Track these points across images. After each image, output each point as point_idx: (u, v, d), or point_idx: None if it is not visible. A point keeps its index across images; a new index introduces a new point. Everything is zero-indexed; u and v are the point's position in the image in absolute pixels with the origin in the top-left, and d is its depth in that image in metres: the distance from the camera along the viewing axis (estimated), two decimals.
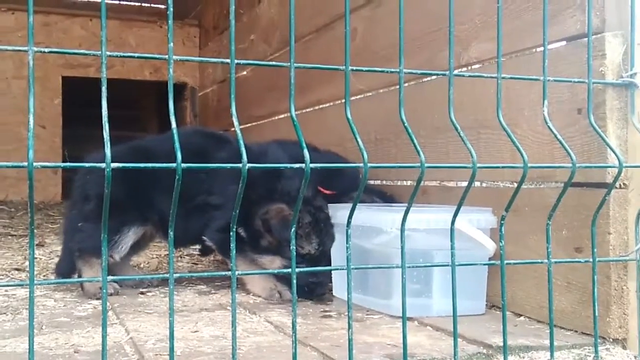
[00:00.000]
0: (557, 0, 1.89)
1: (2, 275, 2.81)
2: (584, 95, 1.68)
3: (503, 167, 1.68)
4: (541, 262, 1.60)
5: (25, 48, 1.22)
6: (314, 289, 2.28)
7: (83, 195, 2.50)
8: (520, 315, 2.03)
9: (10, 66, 6.19)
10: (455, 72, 1.51)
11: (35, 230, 1.27)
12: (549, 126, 1.55)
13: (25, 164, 1.20)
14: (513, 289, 1.98)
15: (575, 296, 1.85)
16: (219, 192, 2.35)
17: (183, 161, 1.47)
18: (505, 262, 1.56)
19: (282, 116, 4.21)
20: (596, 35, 1.76)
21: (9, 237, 4.04)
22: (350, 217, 1.41)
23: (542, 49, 1.58)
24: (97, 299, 2.26)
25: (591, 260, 1.61)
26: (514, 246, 1.76)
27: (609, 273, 1.76)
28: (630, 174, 1.75)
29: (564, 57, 1.88)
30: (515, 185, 1.62)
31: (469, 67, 2.31)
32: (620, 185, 1.73)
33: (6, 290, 2.43)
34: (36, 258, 3.21)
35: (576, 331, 1.83)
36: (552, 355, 1.58)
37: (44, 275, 2.86)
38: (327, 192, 2.56)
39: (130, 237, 2.42)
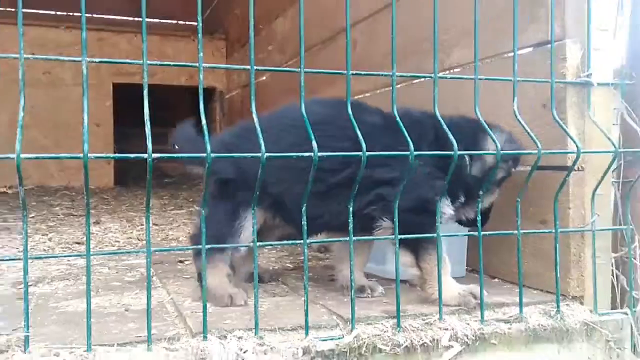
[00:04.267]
0: (526, 13, 1.87)
1: (65, 248, 2.83)
2: (547, 93, 1.66)
3: (480, 153, 1.67)
4: (512, 233, 1.59)
5: (80, 59, 1.22)
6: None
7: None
8: (495, 278, 2.03)
9: (70, 75, 6.21)
10: (440, 74, 1.50)
11: (91, 211, 1.27)
12: (518, 119, 1.55)
13: (81, 155, 1.20)
14: (489, 255, 1.97)
15: (541, 261, 1.84)
16: (391, 164, 1.61)
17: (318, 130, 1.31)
18: (482, 233, 1.55)
19: None
20: (558, 42, 1.74)
21: (71, 216, 4.07)
22: None
23: (512, 54, 1.57)
24: (224, 305, 1.64)
25: (554, 231, 1.61)
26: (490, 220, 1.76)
27: (569, 242, 1.75)
28: (587, 158, 1.74)
29: (531, 61, 1.86)
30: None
31: (451, 70, 2.29)
32: (578, 168, 1.72)
33: (68, 260, 2.44)
34: (92, 233, 3.23)
35: (541, 290, 1.83)
36: (521, 310, 1.57)
37: (99, 248, 2.88)
38: None
39: (249, 221, 1.65)
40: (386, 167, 1.60)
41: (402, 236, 1.48)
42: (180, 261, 2.43)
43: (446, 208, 1.67)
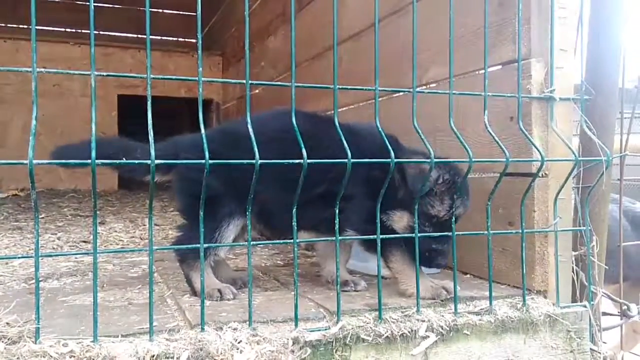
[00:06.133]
0: (495, 34, 1.89)
1: (73, 246, 2.80)
2: (514, 106, 1.68)
3: (453, 161, 1.67)
4: (483, 234, 1.60)
5: (89, 73, 1.21)
6: (435, 258, 1.66)
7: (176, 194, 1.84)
8: (467, 274, 2.04)
9: (78, 87, 6.16)
10: (418, 89, 1.51)
11: (97, 212, 1.26)
12: (488, 130, 1.56)
13: (89, 161, 1.19)
14: (461, 253, 1.97)
15: (508, 259, 1.86)
16: (353, 181, 1.48)
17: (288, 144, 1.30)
18: (456, 233, 1.56)
19: None
20: (524, 60, 1.76)
21: (78, 217, 4.03)
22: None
23: (483, 71, 1.58)
24: (215, 299, 1.64)
25: (520, 231, 1.62)
26: (462, 221, 1.77)
27: (534, 241, 1.76)
28: (550, 166, 1.76)
29: (500, 78, 1.87)
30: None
31: (428, 86, 2.30)
32: (542, 174, 1.73)
33: (76, 258, 2.41)
34: (98, 233, 3.20)
35: (509, 285, 1.84)
36: (490, 303, 1.58)
37: (104, 246, 2.85)
38: None
39: (230, 230, 1.68)
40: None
41: (384, 236, 1.49)
42: None
43: (384, 218, 1.63)
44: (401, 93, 2.36)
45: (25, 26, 6.31)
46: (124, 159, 1.57)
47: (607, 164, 1.72)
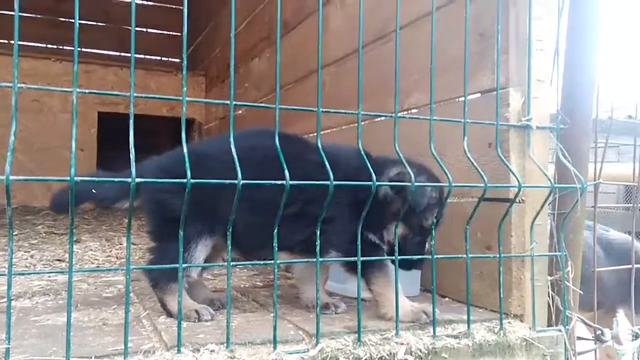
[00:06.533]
0: (475, 63, 1.93)
1: (47, 265, 2.74)
2: (493, 133, 1.71)
3: (434, 185, 1.69)
4: (461, 257, 1.62)
5: (71, 89, 1.21)
6: (417, 262, 1.71)
7: (146, 217, 1.86)
8: (445, 297, 2.05)
9: (57, 103, 6.09)
10: (399, 114, 1.54)
11: (73, 230, 1.24)
12: (467, 156, 1.58)
13: (69, 178, 1.18)
14: (440, 277, 1.98)
15: (486, 282, 1.87)
16: (334, 203, 1.45)
17: (263, 163, 1.32)
18: (435, 256, 1.57)
19: None
20: (503, 89, 1.80)
21: (52, 234, 3.95)
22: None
23: (463, 98, 1.62)
24: (193, 321, 1.62)
25: (498, 256, 1.64)
26: (441, 245, 1.78)
27: (511, 265, 1.78)
28: (527, 192, 1.79)
29: (479, 105, 1.91)
30: (444, 199, 1.65)
31: (409, 111, 2.34)
32: (519, 200, 1.76)
33: (49, 277, 2.36)
34: (74, 251, 3.13)
35: (486, 309, 1.85)
36: (469, 327, 1.59)
37: (79, 265, 2.79)
38: None
39: (200, 251, 1.66)
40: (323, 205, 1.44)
41: (364, 258, 1.49)
42: None
43: (371, 236, 1.67)
44: (383, 117, 2.39)
45: (6, 41, 6.24)
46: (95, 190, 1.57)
47: (582, 191, 1.76)
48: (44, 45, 7.07)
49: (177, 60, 7.35)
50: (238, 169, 1.28)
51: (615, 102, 2.21)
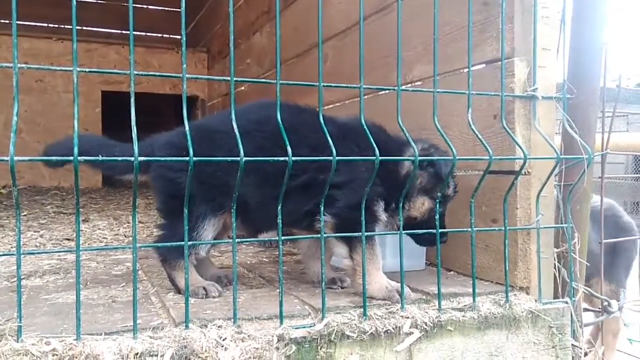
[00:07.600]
0: (479, 33, 1.90)
1: (56, 244, 2.77)
2: (498, 105, 1.69)
3: (438, 159, 1.68)
4: (466, 231, 1.61)
5: (71, 69, 1.20)
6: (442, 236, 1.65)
7: (154, 193, 1.85)
8: (451, 271, 2.06)
9: (61, 83, 6.08)
10: (402, 87, 1.52)
11: (80, 209, 1.25)
12: (472, 128, 1.57)
13: (72, 158, 1.18)
14: (445, 250, 2.00)
15: (492, 256, 1.88)
16: (343, 170, 1.55)
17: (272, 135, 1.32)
18: (440, 230, 1.57)
19: None
20: (508, 59, 1.77)
21: (61, 214, 3.98)
22: None
23: (467, 70, 1.59)
24: (200, 297, 1.63)
25: (503, 229, 1.63)
26: (447, 218, 1.78)
27: (517, 238, 1.78)
28: (533, 164, 1.78)
29: (484, 76, 1.89)
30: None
31: (413, 84, 2.31)
32: (525, 172, 1.75)
33: (59, 256, 2.39)
34: (82, 230, 3.17)
35: (492, 282, 1.86)
36: (474, 300, 1.60)
37: (88, 244, 2.82)
38: None
39: (208, 230, 1.65)
40: (336, 172, 1.43)
41: (369, 233, 1.50)
42: None
43: (381, 212, 1.66)
44: (386, 91, 2.37)
45: (7, 21, 6.20)
46: (101, 156, 1.54)
47: (589, 162, 1.75)
48: (45, 24, 7.02)
49: (179, 37, 7.28)
50: (240, 145, 1.28)
51: (623, 70, 2.18)
